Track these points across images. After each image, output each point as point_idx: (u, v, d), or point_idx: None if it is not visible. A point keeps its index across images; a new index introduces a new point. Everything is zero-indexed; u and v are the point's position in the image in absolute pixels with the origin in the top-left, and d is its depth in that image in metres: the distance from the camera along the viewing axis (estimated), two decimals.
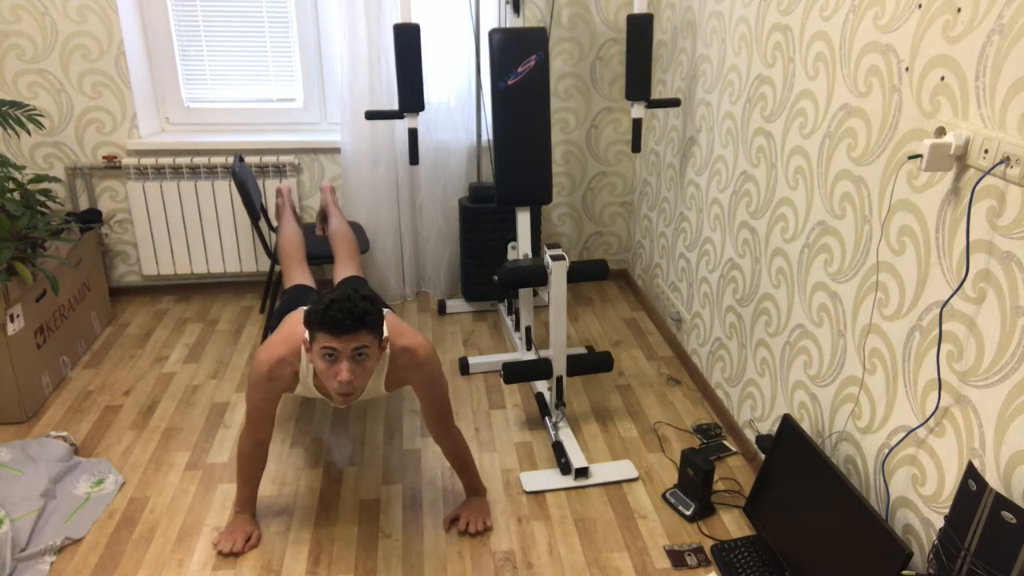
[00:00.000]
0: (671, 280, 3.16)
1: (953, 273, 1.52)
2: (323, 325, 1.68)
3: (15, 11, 2.96)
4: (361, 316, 1.68)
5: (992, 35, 1.39)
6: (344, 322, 1.66)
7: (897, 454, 1.72)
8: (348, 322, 1.67)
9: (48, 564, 1.97)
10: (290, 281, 2.54)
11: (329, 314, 1.66)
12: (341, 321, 1.66)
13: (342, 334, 1.68)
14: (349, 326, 1.67)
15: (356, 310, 1.67)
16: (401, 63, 2.56)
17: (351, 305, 1.67)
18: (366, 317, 1.69)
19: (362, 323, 1.68)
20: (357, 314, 1.67)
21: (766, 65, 2.27)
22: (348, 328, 1.67)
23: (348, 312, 1.66)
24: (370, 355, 1.74)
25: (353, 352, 1.71)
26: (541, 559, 2.03)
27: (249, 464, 2.03)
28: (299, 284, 2.49)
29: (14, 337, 2.48)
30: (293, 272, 2.58)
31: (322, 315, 1.67)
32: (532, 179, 2.68)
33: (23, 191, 2.70)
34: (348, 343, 1.69)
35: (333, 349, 1.70)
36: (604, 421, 2.64)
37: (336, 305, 1.67)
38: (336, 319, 1.66)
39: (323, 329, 1.68)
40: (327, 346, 1.70)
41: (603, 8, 3.28)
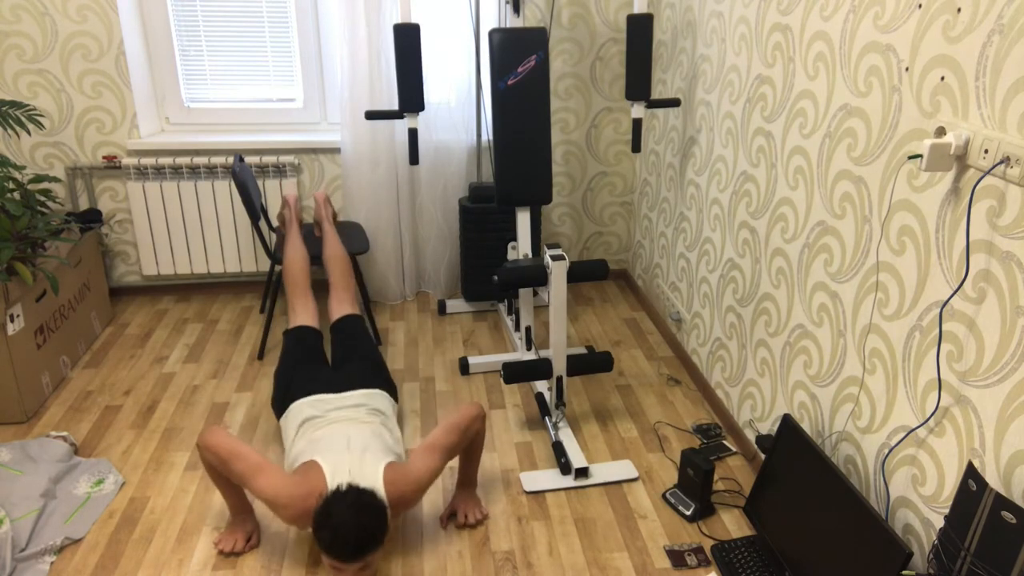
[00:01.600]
0: (671, 280, 3.16)
1: (953, 273, 1.52)
2: (329, 552, 1.75)
3: (15, 11, 2.96)
4: (363, 548, 1.74)
5: (992, 35, 1.39)
6: (347, 555, 1.73)
7: (897, 454, 1.72)
8: (351, 555, 1.74)
9: (48, 564, 1.97)
10: (293, 316, 2.60)
11: (334, 546, 1.73)
12: (344, 554, 1.73)
13: (345, 562, 1.75)
14: (352, 558, 1.74)
15: (359, 543, 1.73)
16: (401, 63, 2.56)
17: (354, 538, 1.72)
18: (369, 546, 1.75)
19: (365, 553, 1.75)
20: (360, 548, 1.73)
21: (766, 65, 2.27)
22: (351, 559, 1.74)
23: (351, 546, 1.72)
24: (373, 563, 1.82)
25: (356, 569, 1.79)
26: (541, 559, 2.03)
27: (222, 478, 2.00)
28: (301, 327, 2.53)
29: (14, 337, 2.48)
30: (296, 304, 2.63)
31: (327, 545, 1.73)
32: (532, 179, 2.68)
33: (23, 191, 2.70)
34: (352, 566, 1.77)
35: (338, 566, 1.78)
36: (604, 421, 2.64)
37: (340, 538, 1.72)
38: (340, 551, 1.73)
39: (329, 554, 1.75)
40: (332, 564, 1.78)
41: (603, 8, 3.28)
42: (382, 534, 1.78)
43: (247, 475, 1.88)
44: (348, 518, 1.73)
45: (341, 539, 1.72)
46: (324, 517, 1.75)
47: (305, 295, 2.66)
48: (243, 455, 1.91)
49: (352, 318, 2.61)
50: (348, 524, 1.72)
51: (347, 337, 2.53)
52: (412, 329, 3.28)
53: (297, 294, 2.66)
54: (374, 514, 1.76)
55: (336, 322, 2.60)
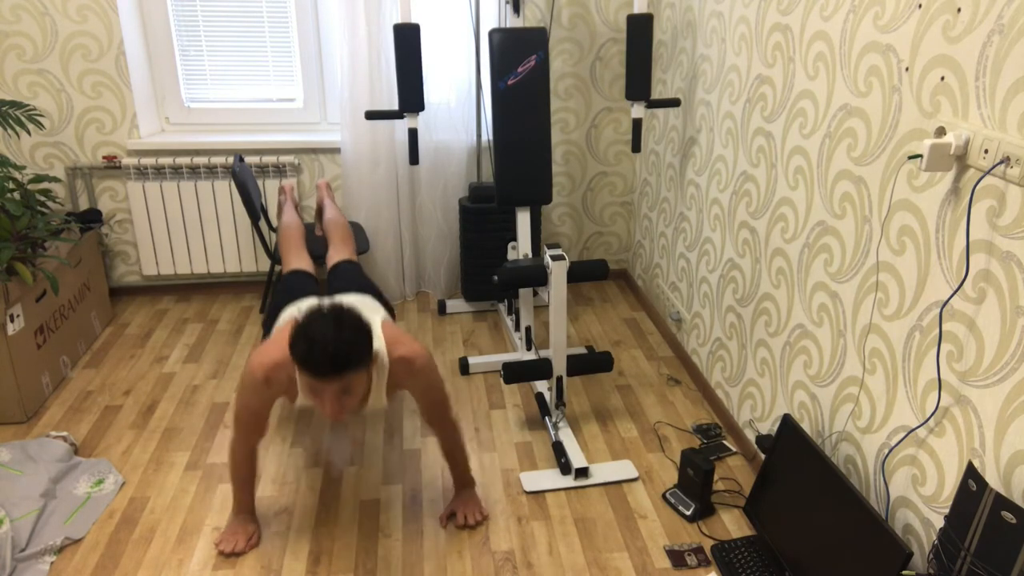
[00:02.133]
0: (671, 280, 3.16)
1: (953, 273, 1.52)
2: (303, 366, 1.62)
3: (15, 11, 2.96)
4: (342, 360, 1.60)
5: (992, 35, 1.39)
6: (325, 368, 1.60)
7: (897, 454, 1.72)
8: (328, 368, 1.60)
9: (48, 564, 1.97)
10: (288, 266, 2.53)
11: (310, 358, 1.59)
12: (321, 366, 1.59)
13: (323, 377, 1.62)
14: (330, 372, 1.61)
15: (338, 355, 1.59)
16: (401, 63, 2.56)
17: (333, 348, 1.59)
18: (348, 360, 1.61)
19: (344, 367, 1.62)
20: (339, 360, 1.59)
21: (766, 65, 2.27)
22: (329, 373, 1.61)
23: (329, 357, 1.59)
24: (356, 387, 1.69)
25: (336, 390, 1.66)
26: (541, 559, 2.03)
27: (244, 469, 2.01)
28: (297, 269, 2.48)
29: (14, 337, 2.48)
30: (291, 257, 2.56)
31: (302, 357, 1.60)
32: (532, 179, 2.68)
33: (23, 191, 2.70)
34: (330, 384, 1.64)
35: (316, 387, 1.66)
36: (604, 421, 2.64)
37: (317, 348, 1.58)
38: (316, 363, 1.59)
39: (304, 369, 1.62)
40: (309, 384, 1.67)
41: (603, 8, 3.28)
42: (364, 351, 1.63)
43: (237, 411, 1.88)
44: (327, 328, 1.59)
45: (318, 349, 1.57)
46: (300, 328, 1.61)
47: (300, 249, 2.58)
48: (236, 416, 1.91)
49: (349, 262, 2.52)
50: (327, 334, 1.58)
51: (342, 274, 2.43)
52: (412, 329, 3.28)
53: (292, 250, 2.56)
54: (357, 329, 1.63)
55: (333, 267, 2.52)
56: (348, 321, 1.64)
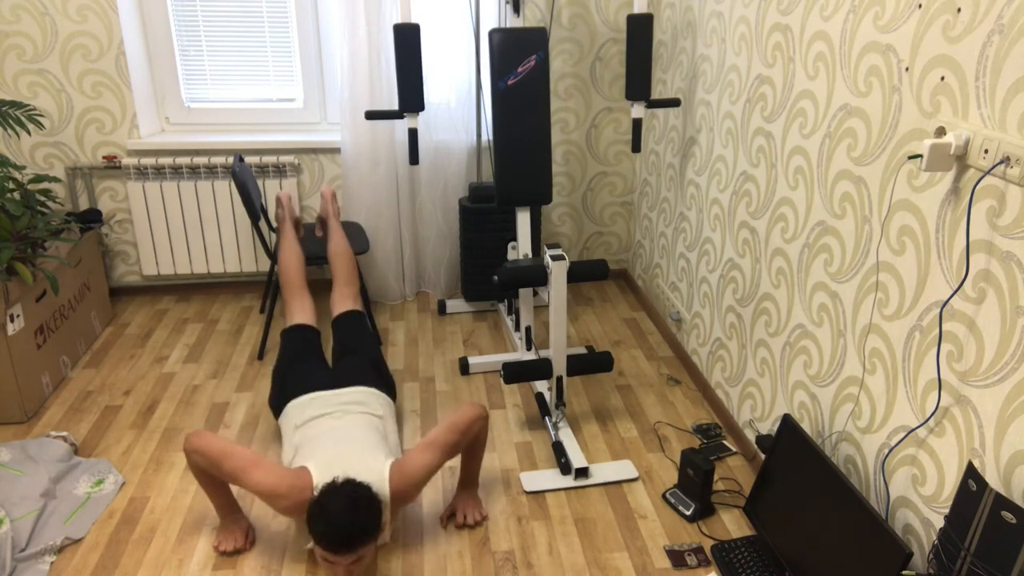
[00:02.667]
0: (671, 280, 3.16)
1: (953, 273, 1.53)
2: (320, 544, 1.73)
3: (15, 11, 2.96)
4: (357, 540, 1.72)
5: (992, 35, 1.39)
6: (339, 547, 1.72)
7: (897, 454, 1.72)
8: (344, 547, 1.72)
9: (48, 564, 1.97)
10: (290, 316, 2.59)
11: (325, 539, 1.72)
12: (337, 546, 1.72)
13: (338, 554, 1.73)
14: (344, 550, 1.73)
15: (352, 537, 1.71)
16: (401, 63, 2.56)
17: (348, 529, 1.71)
18: (362, 539, 1.73)
19: (358, 545, 1.73)
20: (353, 539, 1.72)
21: (766, 65, 2.27)
22: (343, 551, 1.73)
23: (344, 538, 1.71)
24: (367, 555, 1.80)
25: (349, 562, 1.77)
26: (541, 559, 2.03)
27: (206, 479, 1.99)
28: (298, 325, 2.53)
29: (14, 337, 2.48)
30: (293, 304, 2.62)
31: (319, 535, 1.72)
32: (532, 179, 2.68)
33: (23, 191, 2.70)
34: (344, 559, 1.75)
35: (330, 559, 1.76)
36: (604, 421, 2.64)
37: (332, 530, 1.71)
38: (332, 543, 1.72)
39: (321, 547, 1.74)
40: (324, 555, 1.77)
41: (603, 8, 3.28)
42: (375, 529, 1.76)
43: (240, 471, 1.87)
44: (342, 511, 1.72)
45: (334, 532, 1.71)
46: (318, 509, 1.74)
47: (302, 294, 2.65)
48: (233, 453, 1.90)
49: (353, 314, 2.61)
50: (342, 517, 1.71)
51: (347, 334, 2.53)
52: (412, 329, 3.28)
53: (293, 293, 2.65)
54: (368, 508, 1.76)
55: (337, 318, 2.60)
56: (362, 501, 1.76)
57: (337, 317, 2.61)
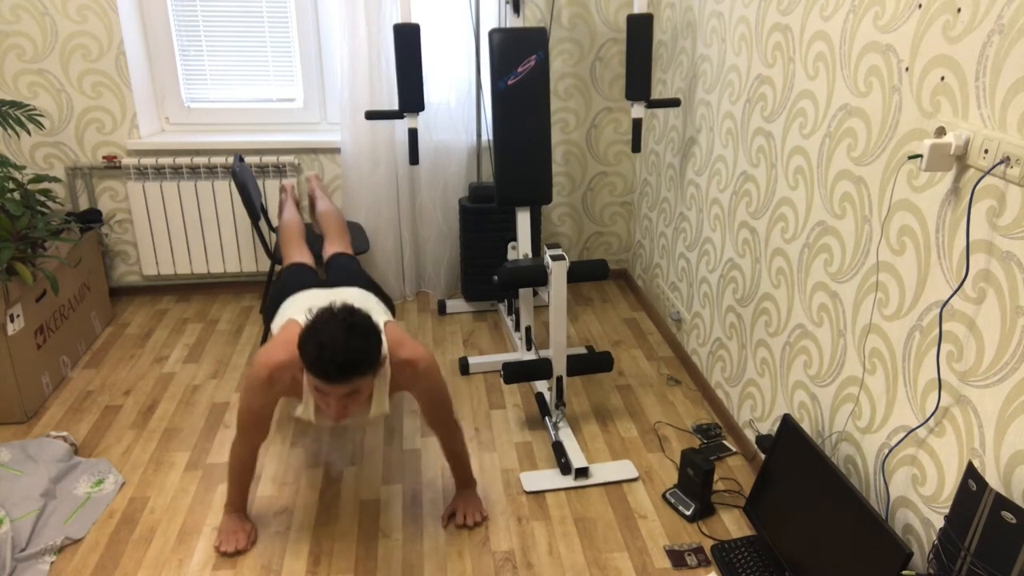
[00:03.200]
0: (671, 280, 3.16)
1: (953, 273, 1.53)
2: (312, 370, 1.62)
3: (15, 11, 2.96)
4: (352, 366, 1.61)
5: (992, 35, 1.39)
6: (333, 372, 1.61)
7: (897, 454, 1.72)
8: (337, 373, 1.61)
9: (48, 564, 1.97)
10: (288, 259, 2.55)
11: (320, 362, 1.60)
12: (331, 371, 1.60)
13: (332, 382, 1.63)
14: (339, 376, 1.61)
15: (348, 362, 1.60)
16: (401, 63, 2.56)
17: (343, 354, 1.59)
18: (358, 366, 1.62)
19: (353, 372, 1.62)
20: (348, 365, 1.60)
21: (766, 65, 2.27)
22: (338, 378, 1.62)
23: (339, 362, 1.60)
24: (363, 390, 1.70)
25: (343, 393, 1.67)
26: (541, 559, 2.03)
27: (244, 469, 2.01)
28: (297, 262, 2.49)
29: (14, 337, 2.48)
30: (291, 251, 2.58)
31: (311, 360, 1.61)
32: (532, 179, 2.68)
33: (23, 191, 2.70)
34: (338, 388, 1.65)
35: (323, 389, 1.67)
36: (604, 421, 2.64)
37: (326, 353, 1.59)
38: (326, 368, 1.60)
39: (313, 373, 1.63)
40: (316, 386, 1.67)
41: (603, 8, 3.28)
42: (373, 356, 1.64)
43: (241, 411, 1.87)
44: (337, 332, 1.60)
45: (328, 354, 1.58)
46: (311, 330, 1.61)
47: (300, 244, 2.61)
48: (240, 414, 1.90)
49: (345, 255, 2.54)
50: (337, 339, 1.59)
51: (340, 270, 2.44)
52: (412, 329, 3.28)
53: (292, 244, 2.59)
54: (367, 333, 1.64)
55: (329, 259, 2.53)
56: (359, 326, 1.64)
57: (329, 259, 2.52)
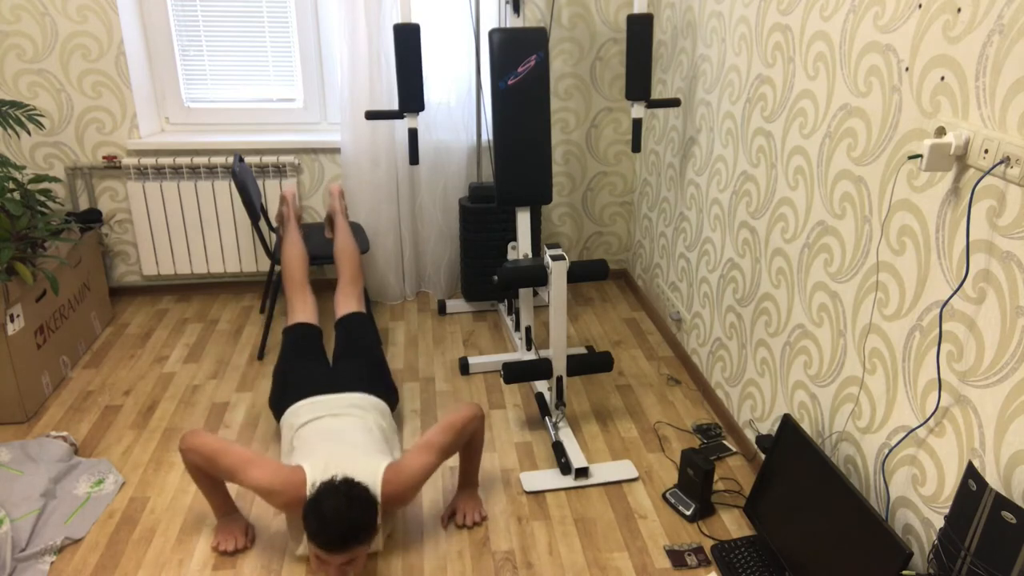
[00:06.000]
0: (671, 280, 3.16)
1: (953, 273, 1.53)
2: (312, 540, 1.73)
3: (15, 11, 2.96)
4: (351, 539, 1.72)
5: (992, 35, 1.39)
6: (333, 544, 1.72)
7: (897, 454, 1.72)
8: (338, 545, 1.72)
9: (48, 564, 1.97)
10: (292, 314, 2.60)
11: (320, 536, 1.71)
12: (330, 544, 1.71)
13: (331, 552, 1.73)
14: (338, 548, 1.72)
15: (346, 534, 1.71)
16: (401, 63, 2.56)
17: (343, 528, 1.71)
18: (356, 537, 1.73)
19: (352, 543, 1.73)
20: (347, 538, 1.72)
21: (766, 65, 2.27)
22: (339, 548, 1.72)
23: (338, 536, 1.71)
24: (360, 556, 1.80)
25: (342, 561, 1.77)
26: (541, 559, 2.03)
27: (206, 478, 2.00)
28: (300, 323, 2.54)
29: (14, 337, 2.48)
30: (295, 301, 2.63)
31: (313, 532, 1.72)
32: (532, 179, 2.68)
33: (23, 191, 2.70)
34: (337, 558, 1.75)
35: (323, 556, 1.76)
36: (604, 421, 2.64)
37: (327, 527, 1.71)
38: (325, 541, 1.71)
39: (315, 543, 1.73)
40: (316, 554, 1.76)
41: (603, 8, 3.28)
42: (370, 528, 1.76)
43: (237, 468, 1.88)
44: (338, 508, 1.72)
45: (328, 529, 1.71)
46: (314, 505, 1.74)
47: (303, 292, 2.66)
48: (229, 451, 1.90)
49: (357, 316, 2.61)
50: (337, 515, 1.71)
51: (350, 334, 2.53)
52: (412, 329, 3.28)
53: (296, 291, 2.66)
54: (364, 508, 1.75)
55: (341, 319, 2.60)
56: (357, 501, 1.75)
57: (341, 319, 2.61)
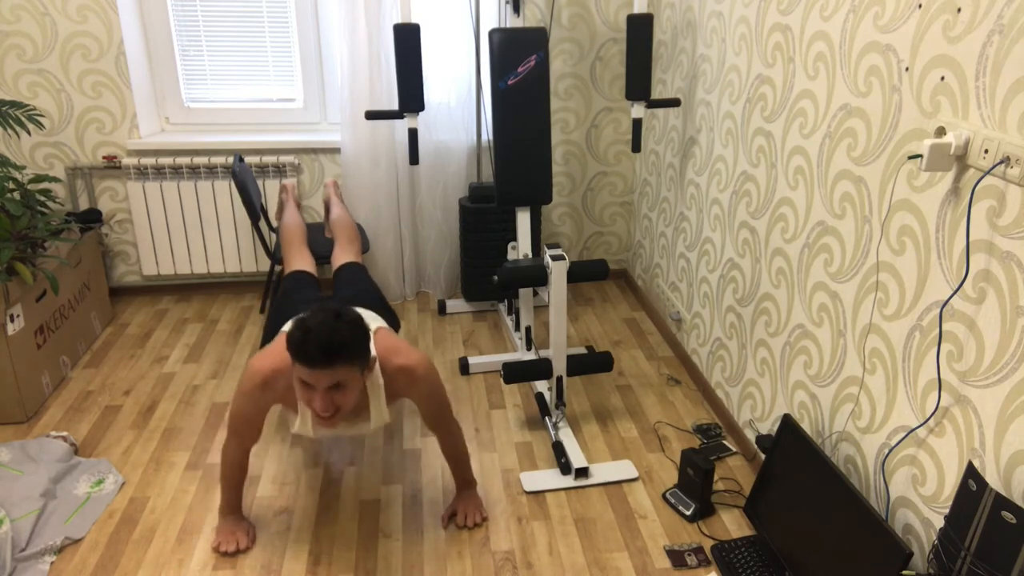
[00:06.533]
0: (671, 280, 3.16)
1: (953, 273, 1.53)
2: (297, 355, 1.61)
3: (15, 11, 2.96)
4: (336, 350, 1.59)
5: (992, 35, 1.39)
6: (317, 356, 1.59)
7: (897, 454, 1.72)
8: (321, 356, 1.59)
9: (48, 564, 1.97)
10: (289, 266, 2.55)
11: (303, 346, 1.59)
12: (314, 355, 1.59)
13: (315, 367, 1.61)
14: (322, 360, 1.60)
15: (332, 344, 1.58)
16: (401, 63, 2.56)
17: (327, 337, 1.58)
18: (342, 351, 1.60)
19: (337, 357, 1.60)
20: (332, 348, 1.59)
21: (766, 65, 2.27)
22: (321, 362, 1.60)
23: (323, 345, 1.58)
24: (349, 385, 1.68)
25: (328, 385, 1.66)
26: (541, 559, 2.03)
27: (235, 471, 2.00)
28: (298, 270, 2.49)
29: (14, 337, 2.48)
30: (293, 256, 2.58)
31: (297, 345, 1.60)
32: (532, 179, 2.68)
33: (23, 191, 2.70)
34: (322, 377, 1.63)
35: (308, 379, 1.65)
36: (604, 421, 2.64)
37: (311, 336, 1.58)
38: (309, 352, 1.59)
39: (297, 359, 1.62)
40: (301, 377, 1.66)
41: (603, 8, 3.28)
42: (359, 349, 1.64)
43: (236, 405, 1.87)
44: (324, 319, 1.61)
45: (311, 338, 1.58)
46: (299, 320, 1.63)
47: (302, 248, 2.60)
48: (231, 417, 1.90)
49: (354, 264, 2.53)
50: (322, 325, 1.59)
51: (347, 280, 2.45)
52: (412, 329, 3.28)
53: (293, 249, 2.59)
54: (353, 326, 1.64)
55: (338, 269, 2.53)
56: (346, 316, 1.66)
57: (338, 269, 2.53)
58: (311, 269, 2.53)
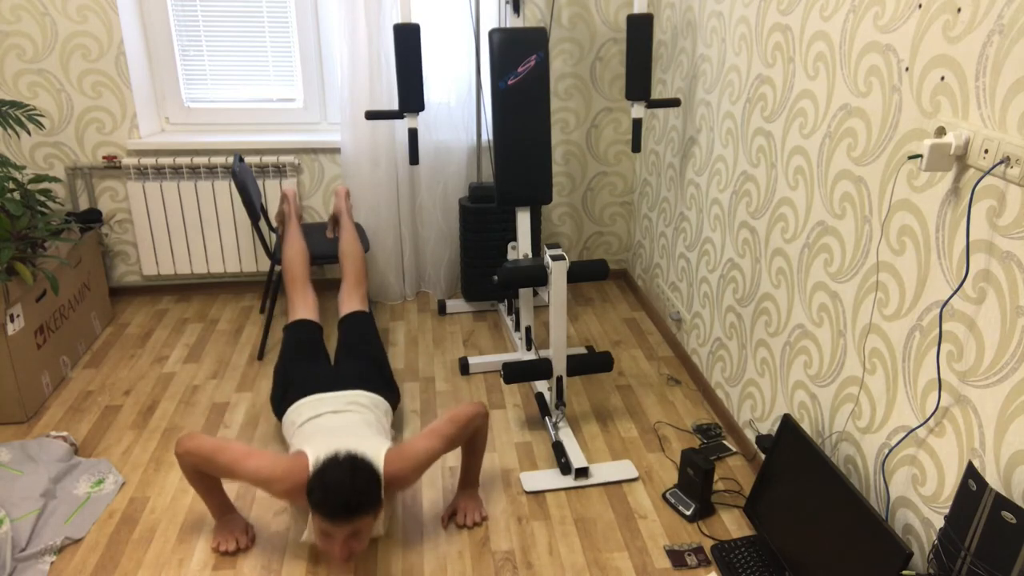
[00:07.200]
0: (671, 280, 3.16)
1: (953, 273, 1.53)
2: (319, 509, 1.73)
3: (15, 11, 2.96)
4: (355, 508, 1.73)
5: (992, 35, 1.39)
6: (338, 513, 1.72)
7: (897, 454, 1.72)
8: (342, 513, 1.72)
9: (48, 564, 1.97)
10: (293, 311, 2.60)
11: (324, 504, 1.72)
12: (335, 511, 1.72)
13: (336, 522, 1.73)
14: (342, 517, 1.73)
15: (350, 503, 1.72)
16: (401, 63, 2.56)
17: (346, 497, 1.71)
18: (359, 508, 1.73)
19: (355, 513, 1.73)
20: (350, 506, 1.72)
21: (766, 65, 2.27)
22: (342, 518, 1.73)
23: (343, 504, 1.71)
24: (364, 531, 1.80)
25: (347, 533, 1.77)
26: (541, 559, 2.03)
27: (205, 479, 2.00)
28: (300, 320, 2.54)
29: (14, 337, 2.48)
30: (295, 298, 2.63)
31: (318, 502, 1.73)
32: (532, 179, 2.68)
33: (23, 191, 2.70)
34: (342, 529, 1.75)
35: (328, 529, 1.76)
36: (604, 421, 2.64)
37: (331, 495, 1.71)
38: (331, 509, 1.72)
39: (320, 513, 1.74)
40: (321, 528, 1.77)
41: (603, 8, 3.28)
42: (374, 499, 1.77)
43: (236, 462, 1.88)
44: (342, 477, 1.73)
45: (333, 497, 1.71)
46: (319, 475, 1.75)
47: (304, 289, 2.66)
48: (226, 447, 1.91)
49: (360, 315, 2.61)
50: (341, 483, 1.72)
51: (352, 333, 2.53)
52: (412, 329, 3.28)
53: (296, 289, 2.66)
54: (367, 478, 1.76)
55: (344, 318, 2.61)
56: (361, 471, 1.77)
57: (344, 317, 2.61)
58: (314, 316, 2.58)
